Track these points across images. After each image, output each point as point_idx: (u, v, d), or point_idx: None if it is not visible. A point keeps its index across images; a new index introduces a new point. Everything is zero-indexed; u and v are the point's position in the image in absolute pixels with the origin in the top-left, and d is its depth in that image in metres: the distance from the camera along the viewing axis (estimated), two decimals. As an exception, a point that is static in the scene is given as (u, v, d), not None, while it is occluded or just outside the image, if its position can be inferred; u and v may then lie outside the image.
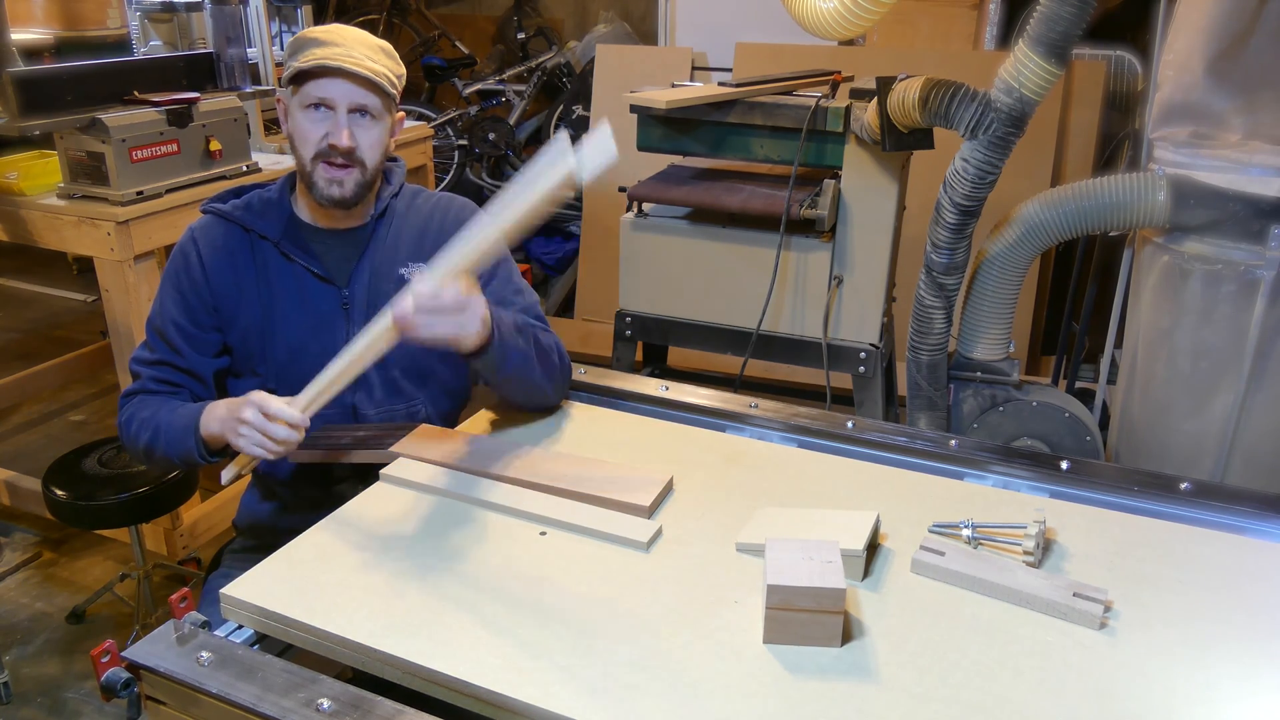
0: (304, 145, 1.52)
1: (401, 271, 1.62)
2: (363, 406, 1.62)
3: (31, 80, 2.39)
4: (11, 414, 3.69)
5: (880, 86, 1.94)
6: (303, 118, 1.51)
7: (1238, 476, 2.02)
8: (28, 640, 2.55)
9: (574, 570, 1.19)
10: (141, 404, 1.56)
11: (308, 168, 1.53)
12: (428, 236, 1.65)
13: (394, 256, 1.62)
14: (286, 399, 1.34)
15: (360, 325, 1.55)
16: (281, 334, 1.59)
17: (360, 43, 1.52)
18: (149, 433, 1.51)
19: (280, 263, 1.59)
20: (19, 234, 2.62)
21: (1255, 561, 1.22)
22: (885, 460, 1.49)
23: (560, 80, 5.30)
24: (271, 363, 1.60)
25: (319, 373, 1.39)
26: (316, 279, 1.59)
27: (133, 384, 1.61)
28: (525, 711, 0.97)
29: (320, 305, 1.59)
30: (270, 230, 1.59)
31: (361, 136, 1.52)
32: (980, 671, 1.02)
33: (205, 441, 1.45)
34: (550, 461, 1.41)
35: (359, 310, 1.60)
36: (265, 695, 0.99)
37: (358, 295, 1.60)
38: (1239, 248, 1.92)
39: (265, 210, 1.61)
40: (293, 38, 1.55)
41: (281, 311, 1.59)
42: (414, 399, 1.65)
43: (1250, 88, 1.91)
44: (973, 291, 2.07)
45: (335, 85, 1.48)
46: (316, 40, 1.50)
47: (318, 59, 1.47)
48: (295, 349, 1.59)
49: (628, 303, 2.50)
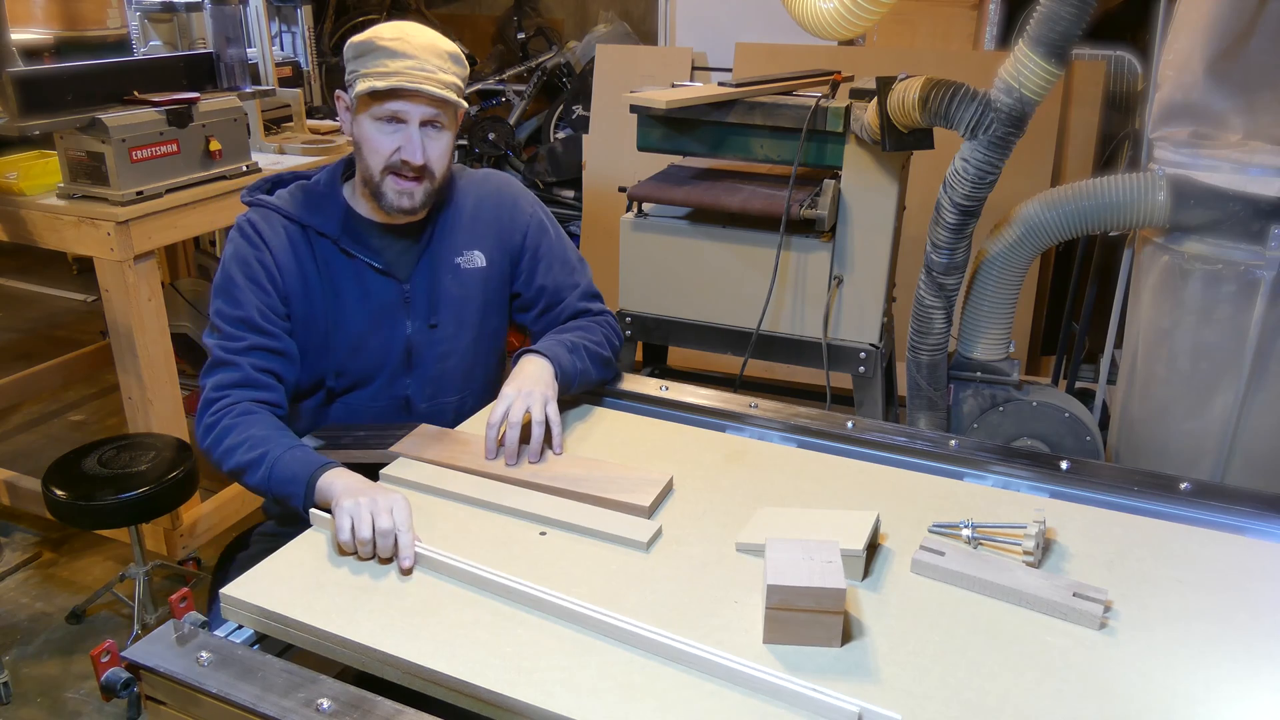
0: (373, 156, 1.51)
1: (457, 260, 1.64)
2: (416, 399, 1.65)
3: (31, 80, 2.39)
4: (11, 414, 3.68)
5: (880, 86, 1.94)
6: (373, 129, 1.50)
7: (1238, 476, 2.02)
8: (28, 640, 2.54)
9: (574, 570, 1.19)
10: (247, 418, 1.43)
11: (376, 178, 1.52)
12: (479, 220, 1.67)
13: (450, 245, 1.64)
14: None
15: (421, 318, 1.62)
16: (344, 328, 1.59)
17: (431, 51, 1.48)
18: (248, 454, 1.39)
19: (340, 258, 1.59)
20: (19, 234, 2.62)
21: (1255, 561, 1.22)
22: (885, 460, 1.49)
23: (560, 80, 5.30)
24: (332, 357, 1.60)
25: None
26: (377, 273, 1.59)
27: (226, 374, 1.48)
28: (525, 711, 0.97)
29: (382, 299, 1.60)
30: (328, 227, 1.58)
31: (432, 148, 1.51)
32: (980, 671, 1.02)
33: (315, 496, 1.32)
34: (550, 461, 1.42)
35: (420, 302, 1.61)
36: (265, 695, 0.99)
37: (419, 288, 1.61)
38: (1239, 248, 1.92)
39: (320, 205, 1.59)
40: (358, 39, 1.49)
41: (345, 305, 1.59)
42: (464, 391, 1.68)
43: (1250, 88, 1.91)
44: (973, 291, 2.07)
45: (410, 103, 1.47)
46: (388, 50, 1.45)
47: (394, 76, 1.44)
48: (357, 343, 1.60)
49: (628, 303, 2.50)
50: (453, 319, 1.64)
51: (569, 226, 4.96)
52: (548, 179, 5.00)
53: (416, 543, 1.20)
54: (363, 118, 1.50)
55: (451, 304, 1.63)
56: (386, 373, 1.62)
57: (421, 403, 1.64)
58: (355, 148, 1.55)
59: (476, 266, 1.66)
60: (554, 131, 5.19)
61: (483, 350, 1.70)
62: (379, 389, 1.63)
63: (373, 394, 1.63)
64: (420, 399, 1.64)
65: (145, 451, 2.39)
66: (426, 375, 1.64)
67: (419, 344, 1.62)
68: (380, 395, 1.63)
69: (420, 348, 1.62)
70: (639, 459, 1.46)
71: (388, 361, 1.62)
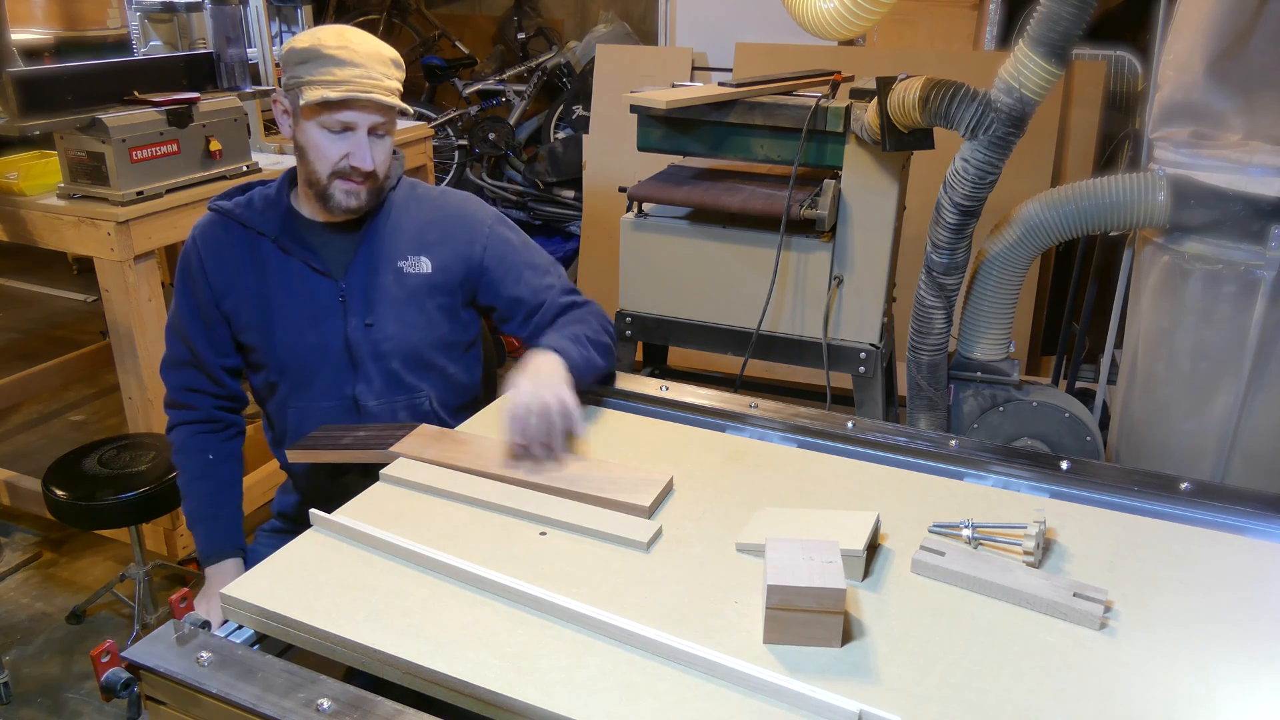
0: (320, 162, 1.53)
1: (400, 264, 1.64)
2: (363, 398, 1.64)
3: (31, 80, 2.39)
4: (11, 414, 3.68)
5: (880, 86, 1.94)
6: (321, 136, 1.51)
7: (1238, 476, 2.02)
8: (28, 640, 2.55)
9: (574, 570, 1.19)
10: (184, 452, 1.69)
11: (323, 182, 1.54)
12: (432, 229, 1.67)
13: (392, 248, 1.64)
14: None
15: (358, 317, 1.62)
16: (281, 328, 1.61)
17: (376, 59, 1.51)
18: (181, 486, 1.70)
19: (279, 258, 1.61)
20: (19, 234, 2.62)
21: (1255, 561, 1.22)
22: (885, 460, 1.48)
23: (560, 80, 5.30)
24: (274, 356, 1.63)
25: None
26: (314, 272, 1.61)
27: (165, 397, 1.72)
28: (525, 711, 0.97)
29: (318, 298, 1.61)
30: (268, 227, 1.61)
31: (379, 153, 1.55)
32: (980, 671, 1.02)
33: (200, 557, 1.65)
34: (550, 461, 1.41)
35: (356, 302, 1.62)
36: (265, 695, 0.99)
37: (355, 287, 1.62)
38: (1239, 248, 1.92)
39: (264, 207, 1.63)
40: (298, 46, 1.50)
41: (280, 306, 1.61)
42: (416, 391, 1.67)
43: (1250, 88, 1.91)
44: (973, 291, 2.07)
45: (360, 112, 1.50)
46: (335, 58, 1.48)
47: (344, 85, 1.47)
48: (295, 342, 1.61)
49: (628, 303, 2.50)
50: (392, 319, 1.63)
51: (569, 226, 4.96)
52: (548, 179, 5.00)
53: (417, 543, 1.20)
54: (309, 124, 1.52)
55: (390, 304, 1.62)
56: (328, 371, 1.63)
57: (370, 400, 1.64)
58: (298, 151, 1.56)
59: (421, 272, 1.64)
60: (554, 131, 5.20)
61: (438, 354, 1.68)
62: (324, 389, 1.64)
63: (318, 394, 1.64)
64: (368, 397, 1.64)
65: (145, 451, 2.39)
66: (370, 375, 1.64)
67: (357, 342, 1.62)
68: (327, 394, 1.64)
69: (359, 346, 1.62)
70: (639, 459, 1.45)
71: (328, 360, 1.62)
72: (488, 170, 5.35)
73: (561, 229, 5.00)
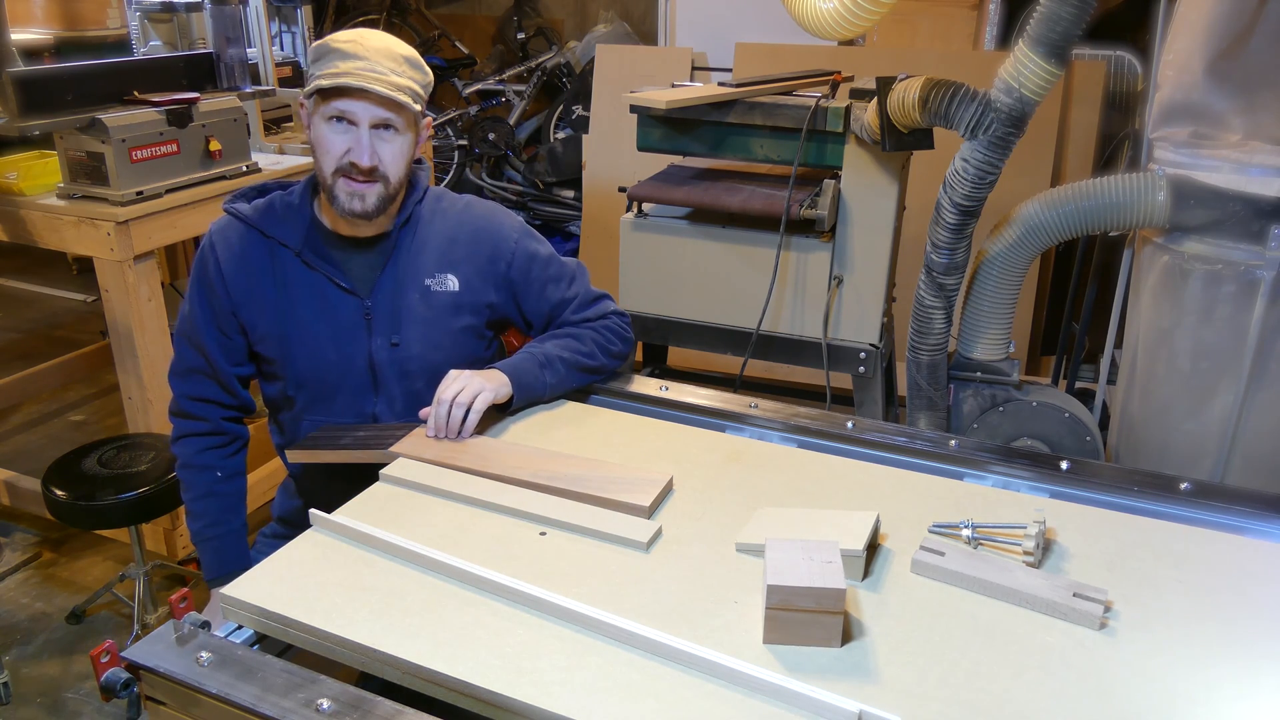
0: (325, 157, 1.50)
1: (427, 282, 1.60)
2: (384, 417, 1.62)
3: (31, 80, 2.39)
4: (11, 414, 3.68)
5: (880, 86, 1.94)
6: (325, 129, 1.49)
7: (1238, 476, 2.02)
8: (28, 640, 2.55)
9: (574, 570, 1.19)
10: (190, 469, 1.65)
11: (329, 180, 1.51)
12: (457, 245, 1.63)
13: (419, 265, 1.60)
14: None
15: (383, 335, 1.59)
16: (301, 343, 1.57)
17: (384, 54, 1.48)
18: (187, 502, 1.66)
19: (301, 270, 1.57)
20: (19, 234, 2.62)
21: (1255, 561, 1.22)
22: (885, 460, 1.48)
23: (560, 80, 5.30)
24: (292, 371, 1.59)
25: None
26: (338, 289, 1.57)
27: (171, 404, 1.66)
28: (525, 711, 0.97)
29: (342, 315, 1.57)
30: (290, 238, 1.57)
31: (384, 151, 1.50)
32: (980, 671, 1.02)
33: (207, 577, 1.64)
34: (550, 461, 1.41)
35: (381, 320, 1.58)
36: (265, 695, 0.99)
37: (380, 306, 1.58)
38: (1239, 248, 1.92)
39: (286, 216, 1.58)
40: (316, 44, 1.50)
41: (301, 320, 1.57)
42: None
43: (1250, 88, 1.91)
44: (973, 291, 2.07)
45: (358, 102, 1.46)
46: (340, 52, 1.46)
47: (340, 75, 1.44)
48: (316, 359, 1.58)
49: (628, 303, 2.50)
50: (418, 339, 1.60)
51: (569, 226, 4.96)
52: (548, 179, 5.01)
53: (417, 543, 1.20)
54: (316, 119, 1.50)
55: (417, 324, 1.60)
56: (349, 389, 1.60)
57: (389, 419, 1.61)
58: (312, 151, 1.54)
59: (448, 290, 1.62)
60: (554, 131, 5.19)
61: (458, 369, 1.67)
62: (344, 406, 1.61)
63: (337, 411, 1.61)
64: (388, 416, 1.61)
65: (145, 451, 2.39)
66: (392, 395, 1.61)
67: (381, 362, 1.59)
68: (346, 412, 1.61)
69: (383, 366, 1.59)
70: (639, 459, 1.45)
71: (349, 378, 1.59)
72: (487, 170, 5.35)
73: (561, 229, 5.00)
